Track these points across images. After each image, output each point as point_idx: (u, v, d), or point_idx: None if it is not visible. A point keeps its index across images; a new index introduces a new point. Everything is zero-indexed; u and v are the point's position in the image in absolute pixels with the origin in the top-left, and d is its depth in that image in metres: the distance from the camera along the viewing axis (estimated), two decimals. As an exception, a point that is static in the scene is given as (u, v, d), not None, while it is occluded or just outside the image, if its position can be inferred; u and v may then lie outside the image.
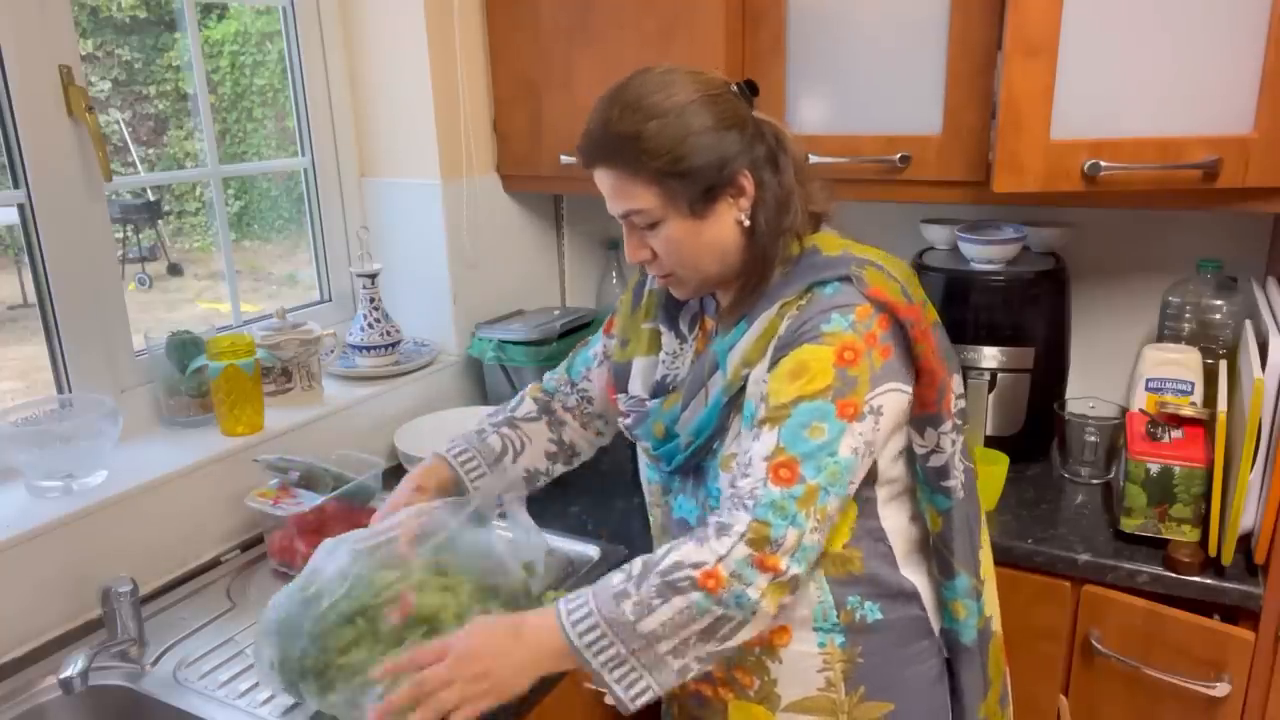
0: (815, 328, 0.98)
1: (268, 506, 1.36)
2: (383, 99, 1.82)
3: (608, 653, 0.93)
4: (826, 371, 0.96)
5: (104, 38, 1.70)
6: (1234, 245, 1.65)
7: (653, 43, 1.67)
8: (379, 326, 1.78)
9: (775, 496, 0.94)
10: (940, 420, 1.04)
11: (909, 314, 1.00)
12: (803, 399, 0.96)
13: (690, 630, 0.93)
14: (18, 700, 1.14)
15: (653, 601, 0.93)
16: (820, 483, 0.94)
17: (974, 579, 1.09)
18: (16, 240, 1.37)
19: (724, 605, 0.92)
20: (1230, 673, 1.27)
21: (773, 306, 1.03)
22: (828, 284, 1.01)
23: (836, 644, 1.06)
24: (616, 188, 1.04)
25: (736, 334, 1.06)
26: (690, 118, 1.00)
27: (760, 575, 0.92)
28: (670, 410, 1.11)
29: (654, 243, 1.05)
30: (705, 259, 1.06)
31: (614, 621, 0.93)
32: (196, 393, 1.51)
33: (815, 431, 0.95)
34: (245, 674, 1.16)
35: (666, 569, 0.94)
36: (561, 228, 2.16)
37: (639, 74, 1.04)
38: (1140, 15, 1.32)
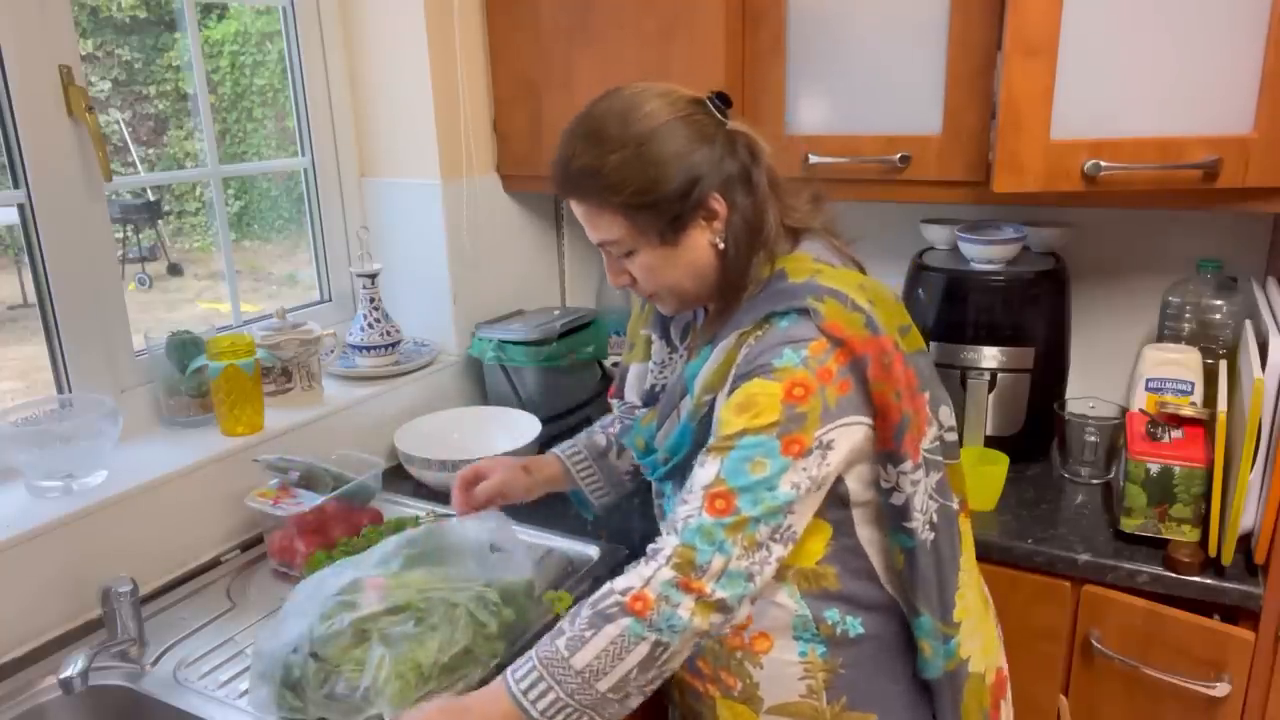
0: (768, 362, 0.96)
1: (268, 506, 1.36)
2: (383, 99, 1.82)
3: (546, 698, 0.91)
4: (774, 408, 0.94)
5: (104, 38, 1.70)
6: (1234, 245, 1.65)
7: (653, 43, 1.67)
8: (379, 326, 1.78)
9: (706, 523, 0.93)
10: (899, 459, 1.00)
11: (866, 349, 0.97)
12: (748, 433, 0.95)
13: (626, 664, 0.92)
14: (18, 700, 1.14)
15: (585, 634, 0.92)
16: (752, 514, 0.93)
17: (939, 621, 1.05)
18: (16, 240, 1.37)
19: (654, 629, 0.92)
20: (1230, 673, 1.27)
21: (732, 335, 1.02)
22: (784, 315, 0.99)
23: (818, 654, 1.06)
24: (587, 219, 1.04)
25: (702, 359, 1.05)
26: (654, 145, 0.98)
27: (686, 596, 0.92)
28: (647, 426, 1.12)
29: (631, 269, 1.06)
30: (682, 282, 1.06)
31: (549, 661, 0.92)
32: (196, 393, 1.51)
33: (757, 467, 0.94)
34: (245, 674, 1.15)
35: (597, 599, 0.95)
36: (561, 228, 2.16)
37: (604, 99, 1.03)
38: (1140, 15, 1.32)
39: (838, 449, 0.97)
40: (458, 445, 1.70)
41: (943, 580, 1.05)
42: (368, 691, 1.02)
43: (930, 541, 1.03)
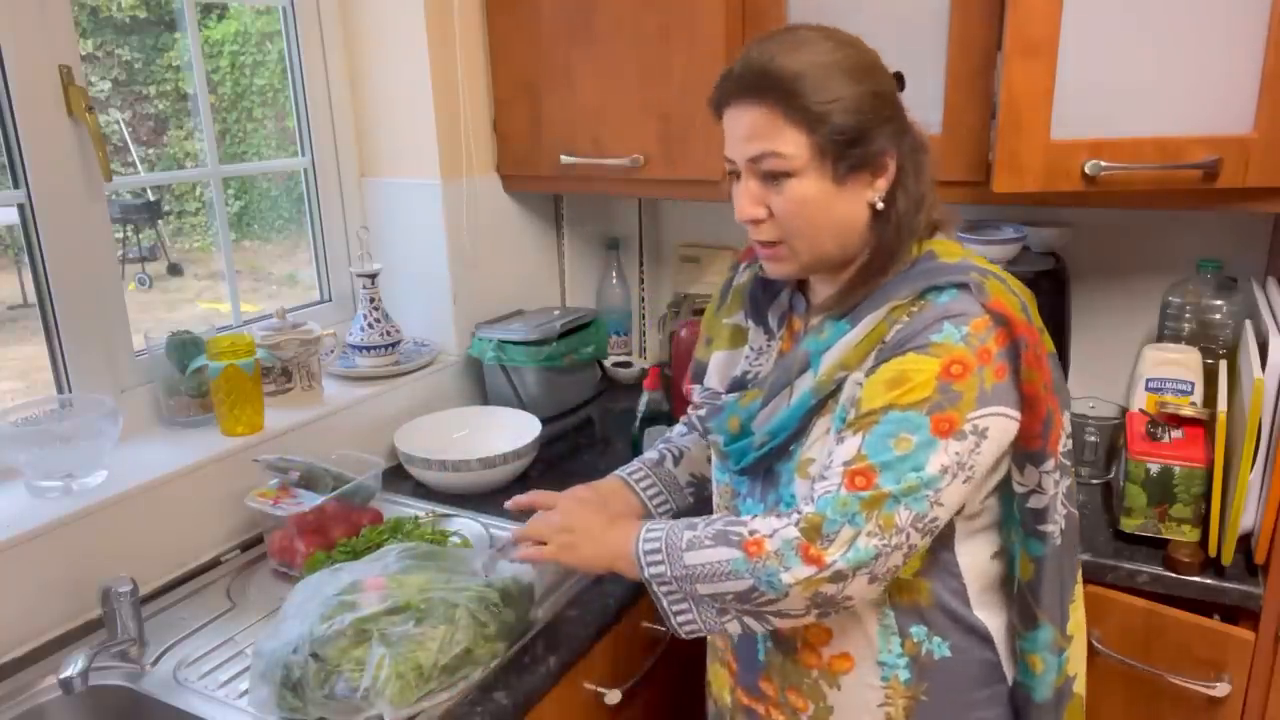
0: (924, 337, 0.91)
1: (268, 506, 1.36)
2: (383, 99, 1.82)
3: (658, 568, 0.98)
4: (928, 384, 0.90)
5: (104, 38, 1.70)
6: (1234, 245, 1.65)
7: (653, 43, 1.67)
8: (379, 326, 1.78)
9: (843, 496, 0.90)
10: (1043, 458, 0.95)
11: (1026, 333, 0.92)
12: (894, 408, 0.90)
13: (726, 586, 0.94)
14: (18, 700, 1.14)
15: (705, 541, 0.96)
16: (893, 490, 0.89)
17: (1059, 632, 1.01)
18: (16, 240, 1.37)
19: (755, 576, 0.92)
20: (1230, 673, 1.27)
21: (880, 309, 0.96)
22: (944, 290, 0.94)
23: (901, 679, 1.01)
24: (760, 126, 0.95)
25: (835, 334, 0.99)
26: (856, 79, 0.94)
27: (800, 563, 0.90)
28: (748, 406, 1.05)
29: (776, 200, 0.97)
30: (826, 233, 0.98)
31: (671, 544, 0.98)
32: (196, 393, 1.51)
33: (901, 443, 0.89)
34: (245, 674, 1.15)
35: (732, 521, 0.97)
36: (561, 228, 2.16)
37: (801, 25, 0.98)
38: (1140, 15, 1.32)
39: (991, 438, 0.92)
40: (458, 445, 1.70)
41: (1064, 588, 1.01)
42: (368, 692, 1.02)
43: (1059, 547, 1.00)
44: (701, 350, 1.20)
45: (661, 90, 1.68)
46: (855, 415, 0.93)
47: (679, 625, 0.99)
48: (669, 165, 1.72)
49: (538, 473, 1.70)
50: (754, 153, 0.96)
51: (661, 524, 1.01)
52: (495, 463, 1.60)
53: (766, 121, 0.94)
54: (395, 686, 1.02)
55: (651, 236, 2.26)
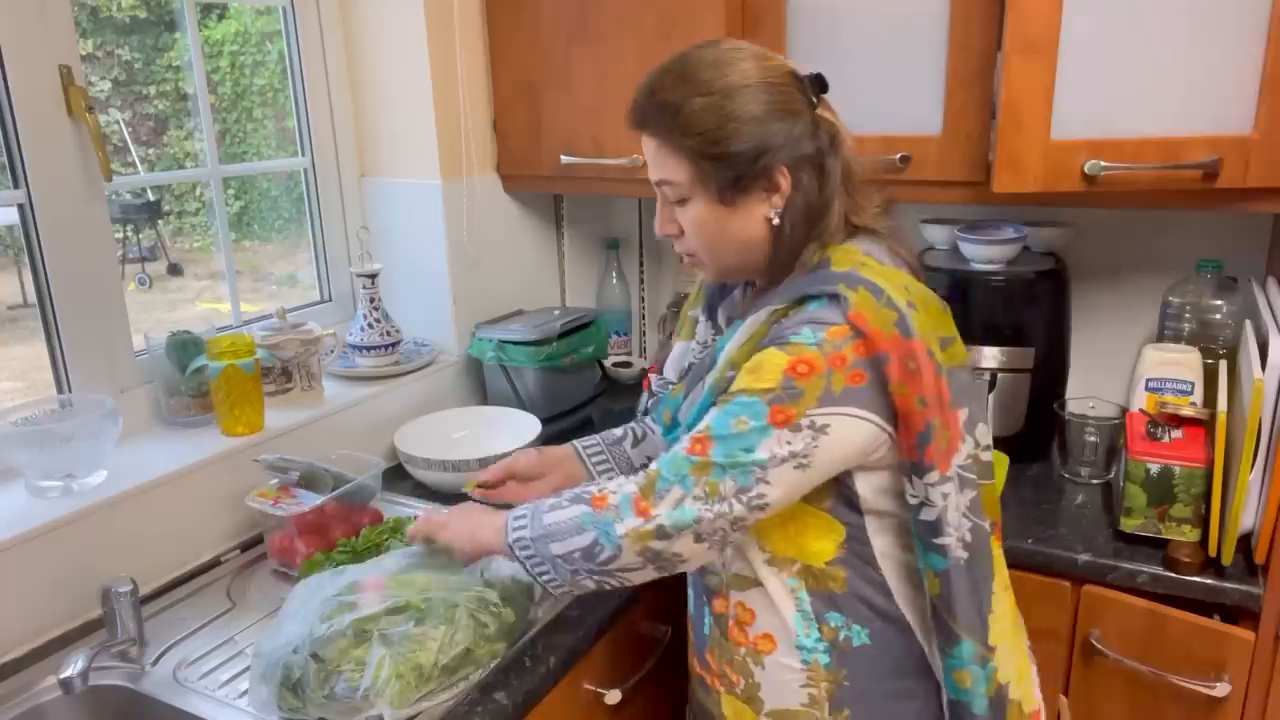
0: (785, 336, 0.98)
1: (268, 506, 1.36)
2: (383, 99, 1.82)
3: (520, 532, 1.04)
4: (774, 376, 0.96)
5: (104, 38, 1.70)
6: (1234, 245, 1.65)
7: (653, 43, 1.67)
8: (379, 326, 1.78)
9: (679, 458, 0.98)
10: (924, 470, 0.97)
11: (890, 347, 0.95)
12: (744, 392, 0.97)
13: (573, 543, 1.00)
14: (18, 700, 1.14)
15: (563, 503, 1.03)
16: (719, 462, 0.96)
17: (980, 645, 1.01)
18: (16, 240, 1.37)
19: (596, 527, 0.99)
20: (1230, 673, 1.27)
21: (761, 312, 1.02)
22: (816, 299, 0.99)
23: (821, 663, 1.05)
24: (654, 155, 1.04)
25: (730, 334, 1.06)
26: (738, 102, 0.98)
27: (633, 516, 0.97)
28: (675, 399, 1.12)
29: (681, 219, 1.06)
30: (726, 247, 1.06)
31: (536, 508, 1.05)
32: (196, 393, 1.51)
33: (739, 423, 0.96)
34: (245, 674, 1.15)
35: (588, 486, 1.04)
36: (561, 228, 2.16)
37: (703, 46, 1.03)
38: (1140, 15, 1.32)
39: (834, 436, 0.95)
40: (458, 445, 1.70)
41: (979, 601, 1.02)
42: (368, 692, 1.02)
43: (964, 560, 1.00)
44: (675, 336, 1.27)
45: (661, 90, 1.68)
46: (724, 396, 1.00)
47: (544, 584, 1.04)
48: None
49: (538, 473, 1.70)
50: (655, 178, 1.06)
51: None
52: (495, 463, 1.59)
53: (655, 151, 1.04)
54: (395, 687, 1.03)
55: (651, 236, 2.25)
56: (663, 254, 2.27)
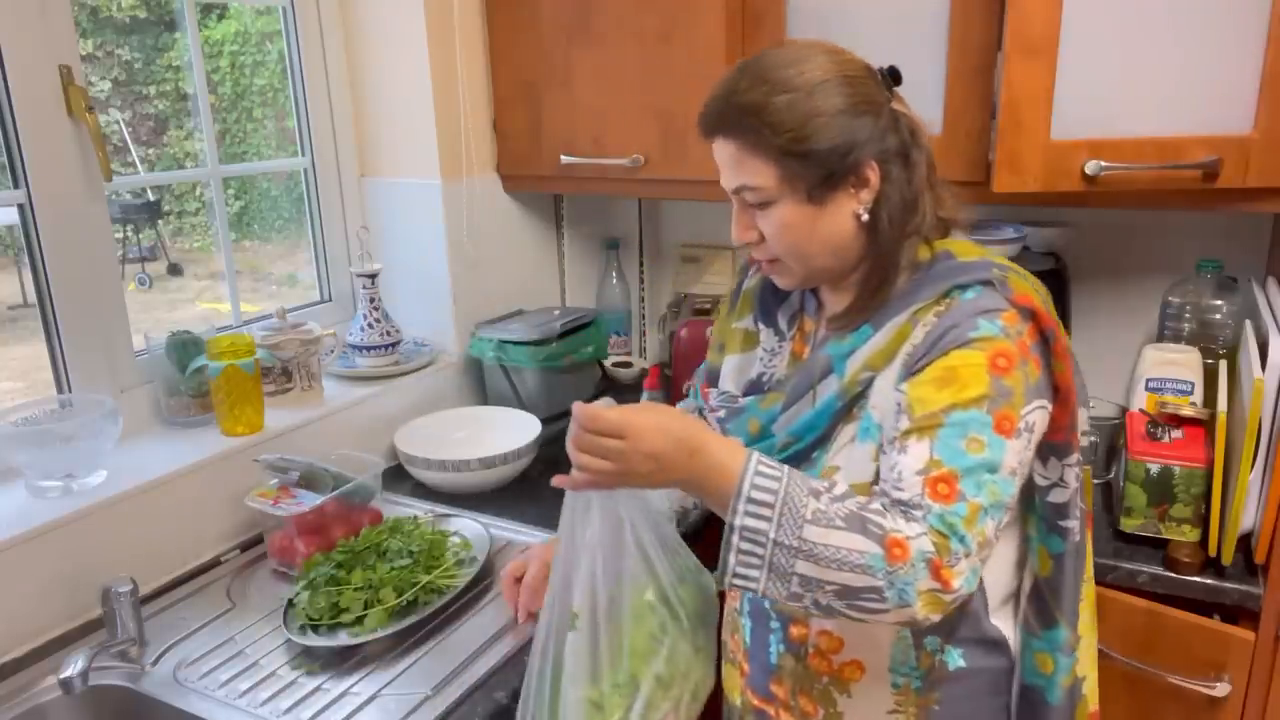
0: (962, 334, 0.90)
1: (268, 506, 1.36)
2: (383, 99, 1.82)
3: (757, 522, 0.85)
4: (980, 379, 0.88)
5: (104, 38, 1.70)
6: (1234, 245, 1.65)
7: (653, 43, 1.67)
8: (379, 326, 1.78)
9: (941, 512, 0.85)
10: (1068, 451, 0.96)
11: (1051, 324, 0.93)
12: (955, 407, 0.88)
13: (842, 577, 0.84)
14: (18, 700, 1.14)
15: (836, 521, 0.85)
16: (982, 502, 0.86)
17: (1072, 632, 1.01)
18: (16, 240, 1.37)
19: (889, 580, 0.83)
20: (1230, 673, 1.27)
21: (905, 312, 0.96)
22: (968, 288, 0.94)
23: (913, 688, 1.01)
24: (734, 160, 0.98)
25: (858, 339, 0.99)
26: (821, 97, 0.94)
27: (930, 579, 0.84)
28: (769, 409, 1.05)
29: (764, 224, 0.99)
30: (815, 249, 0.99)
31: (791, 506, 0.85)
32: (196, 393, 1.51)
33: (973, 444, 0.87)
34: (245, 674, 1.16)
35: (869, 507, 0.87)
36: (561, 228, 2.16)
37: (776, 46, 1.00)
38: (1140, 15, 1.32)
39: (1035, 434, 0.91)
40: (458, 445, 1.70)
41: (1078, 587, 1.01)
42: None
43: (1077, 544, 0.99)
44: (714, 355, 1.20)
45: (661, 90, 1.68)
46: (912, 421, 0.90)
47: (733, 580, 0.87)
48: (669, 165, 1.72)
49: (538, 473, 1.70)
50: (734, 185, 1.00)
51: (780, 470, 0.88)
52: (495, 463, 1.60)
53: (738, 155, 0.98)
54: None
55: (651, 236, 2.26)
56: (662, 254, 2.28)
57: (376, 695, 1.11)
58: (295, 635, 1.19)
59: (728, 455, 0.89)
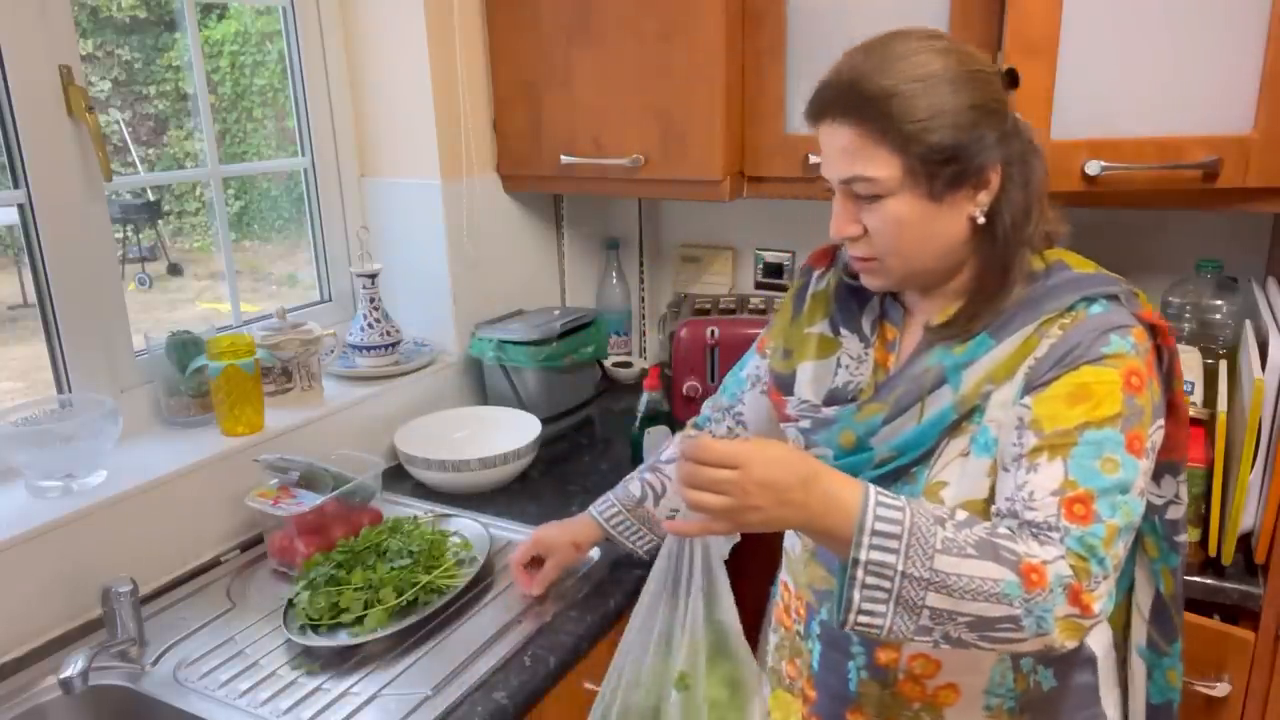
0: (1093, 350, 0.87)
1: (268, 506, 1.36)
2: (383, 99, 1.82)
3: (884, 555, 0.81)
4: (1115, 397, 0.86)
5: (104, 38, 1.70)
6: (1234, 245, 1.66)
7: (653, 43, 1.67)
8: (379, 326, 1.78)
9: (1080, 534, 0.83)
10: (1180, 468, 0.96)
11: (1173, 342, 0.92)
12: (1089, 426, 0.85)
13: (975, 608, 0.81)
14: (18, 700, 1.14)
15: (968, 549, 0.82)
16: (1118, 523, 0.84)
17: (1183, 641, 1.02)
18: (16, 240, 1.37)
19: (1026, 609, 0.81)
20: (1230, 673, 1.27)
21: (1032, 324, 0.92)
22: (1094, 301, 0.91)
23: (1005, 709, 0.99)
24: (851, 148, 0.91)
25: (976, 350, 0.94)
26: (952, 91, 0.89)
27: (1069, 605, 0.82)
28: (868, 420, 0.99)
29: (870, 219, 0.93)
30: (925, 250, 0.94)
31: (919, 536, 0.81)
32: (196, 393, 1.51)
33: (1108, 465, 0.85)
34: (245, 674, 1.16)
35: (997, 533, 0.84)
36: (561, 228, 2.16)
37: (899, 32, 0.95)
38: (1140, 16, 1.32)
39: (1155, 453, 0.90)
40: (458, 445, 1.70)
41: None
42: None
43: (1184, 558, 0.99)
44: (779, 362, 1.13)
45: (661, 90, 1.68)
46: (1042, 438, 0.87)
47: (857, 619, 0.83)
48: (669, 165, 1.72)
49: (538, 473, 1.70)
50: (846, 175, 0.93)
51: (902, 499, 0.85)
52: (495, 463, 1.60)
53: (856, 143, 0.91)
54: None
55: (651, 236, 2.26)
56: (662, 254, 2.28)
57: (376, 695, 1.11)
58: (295, 635, 1.19)
59: (842, 485, 0.85)
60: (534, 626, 1.22)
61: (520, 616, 1.26)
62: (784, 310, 1.17)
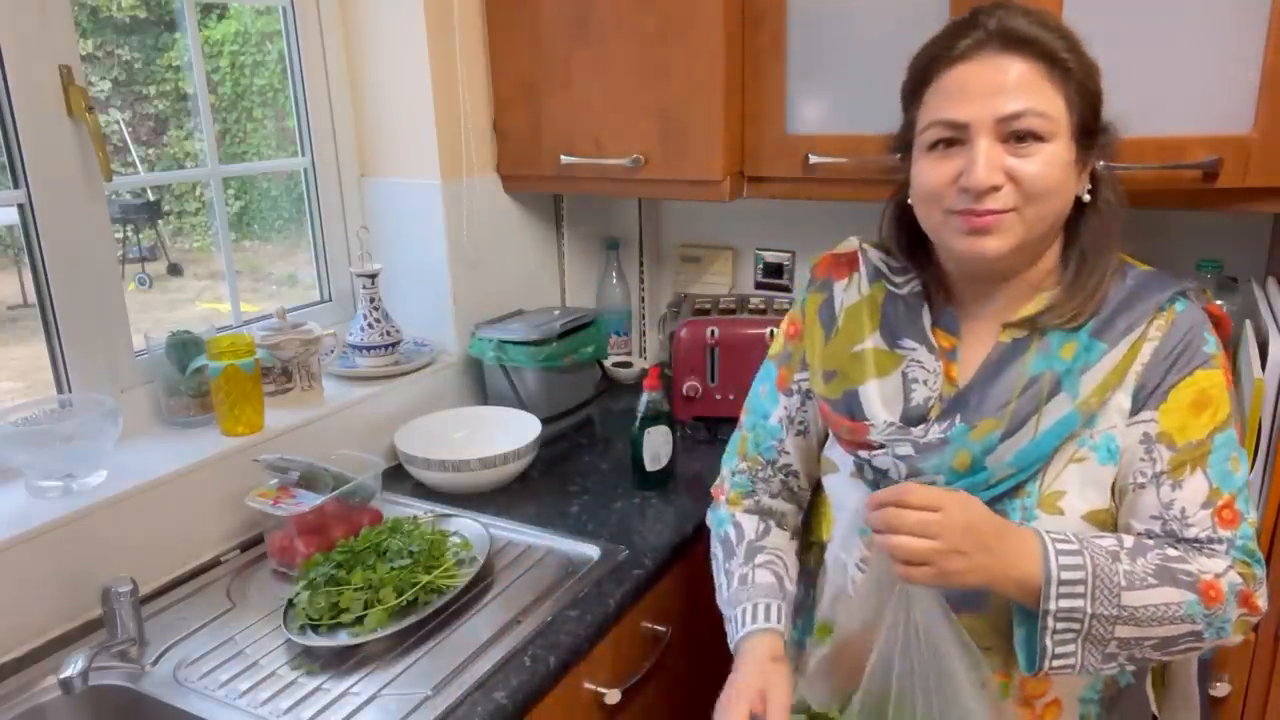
0: (1201, 351, 0.91)
1: (268, 506, 1.36)
2: (383, 99, 1.82)
3: (1074, 601, 0.84)
4: (1225, 398, 0.90)
5: (104, 38, 1.70)
6: (1234, 245, 1.65)
7: (652, 43, 1.67)
8: (379, 326, 1.78)
9: (1240, 541, 0.89)
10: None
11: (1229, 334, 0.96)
12: (1217, 431, 0.90)
13: (1161, 631, 0.86)
14: (18, 700, 1.14)
15: (1148, 579, 0.85)
16: (1254, 516, 0.90)
17: None
18: (16, 240, 1.37)
19: (1208, 621, 0.87)
20: (1230, 673, 1.27)
21: (1140, 326, 0.92)
22: (1177, 299, 0.94)
23: (1093, 714, 1.00)
24: (1024, 81, 0.89)
25: (1088, 353, 0.92)
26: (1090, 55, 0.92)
27: (1241, 608, 0.89)
28: (985, 439, 0.92)
29: (1025, 164, 0.89)
30: (1057, 208, 0.93)
31: (1102, 578, 0.85)
32: (196, 393, 1.51)
33: (1234, 463, 0.90)
34: (245, 674, 1.16)
35: (1168, 557, 0.88)
36: (561, 228, 2.16)
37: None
38: (1140, 16, 1.32)
39: None
40: (458, 445, 1.70)
41: None
42: None
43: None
44: (827, 388, 1.04)
45: (661, 90, 1.68)
46: (1178, 451, 0.90)
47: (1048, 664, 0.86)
48: (669, 165, 1.72)
49: (538, 473, 1.70)
50: (1012, 109, 0.88)
51: (1074, 541, 0.87)
52: (495, 463, 1.60)
53: (1029, 77, 0.89)
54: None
55: (651, 236, 2.26)
56: (662, 254, 2.28)
57: (376, 695, 1.11)
58: (295, 635, 1.19)
59: (1019, 534, 0.88)
60: (534, 626, 1.22)
61: (520, 616, 1.26)
62: (810, 331, 1.09)
